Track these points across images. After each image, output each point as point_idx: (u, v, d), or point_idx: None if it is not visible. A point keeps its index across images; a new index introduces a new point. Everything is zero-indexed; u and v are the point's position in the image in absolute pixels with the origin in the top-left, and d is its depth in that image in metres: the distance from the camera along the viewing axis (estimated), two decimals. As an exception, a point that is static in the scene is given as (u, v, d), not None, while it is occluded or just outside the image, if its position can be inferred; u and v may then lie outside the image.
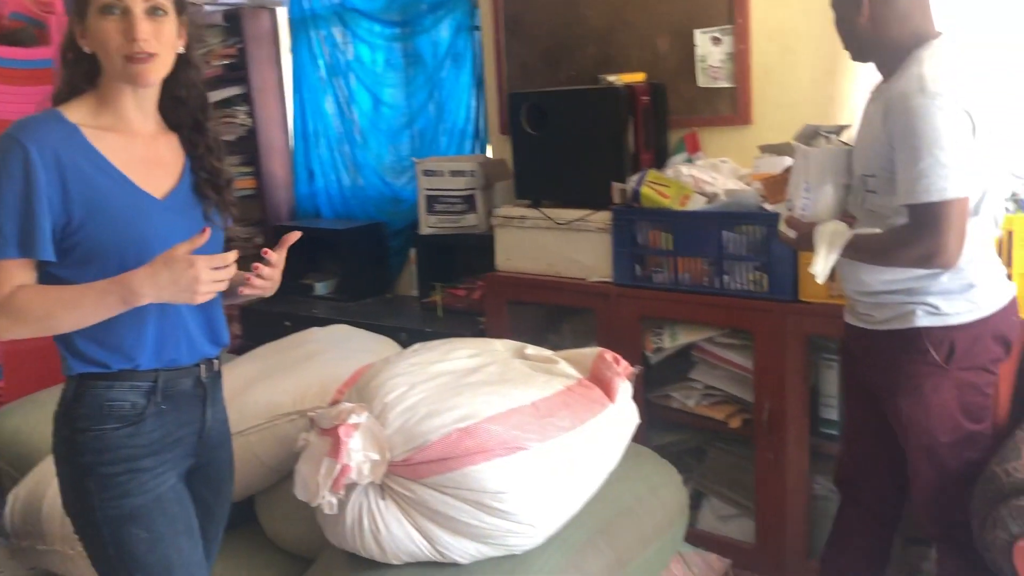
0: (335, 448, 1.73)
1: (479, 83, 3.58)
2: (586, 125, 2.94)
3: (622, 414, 2.02)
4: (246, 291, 1.63)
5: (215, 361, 1.70)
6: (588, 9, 3.18)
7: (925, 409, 1.94)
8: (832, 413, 2.55)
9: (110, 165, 1.52)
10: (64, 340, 1.53)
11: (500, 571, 1.85)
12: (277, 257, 1.61)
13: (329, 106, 4.05)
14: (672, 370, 2.87)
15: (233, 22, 4.06)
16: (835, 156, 1.98)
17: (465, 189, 3.40)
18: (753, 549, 2.67)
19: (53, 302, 1.44)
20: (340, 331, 2.84)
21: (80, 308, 1.44)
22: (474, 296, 3.48)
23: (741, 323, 2.61)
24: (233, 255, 1.49)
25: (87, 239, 1.49)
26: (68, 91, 1.57)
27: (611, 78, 2.94)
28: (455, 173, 3.39)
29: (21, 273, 1.47)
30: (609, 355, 2.04)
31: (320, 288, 3.98)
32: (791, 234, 2.05)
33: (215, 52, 4.00)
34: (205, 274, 1.42)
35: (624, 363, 2.03)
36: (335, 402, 2.12)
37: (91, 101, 1.56)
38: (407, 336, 3.23)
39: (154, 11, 1.50)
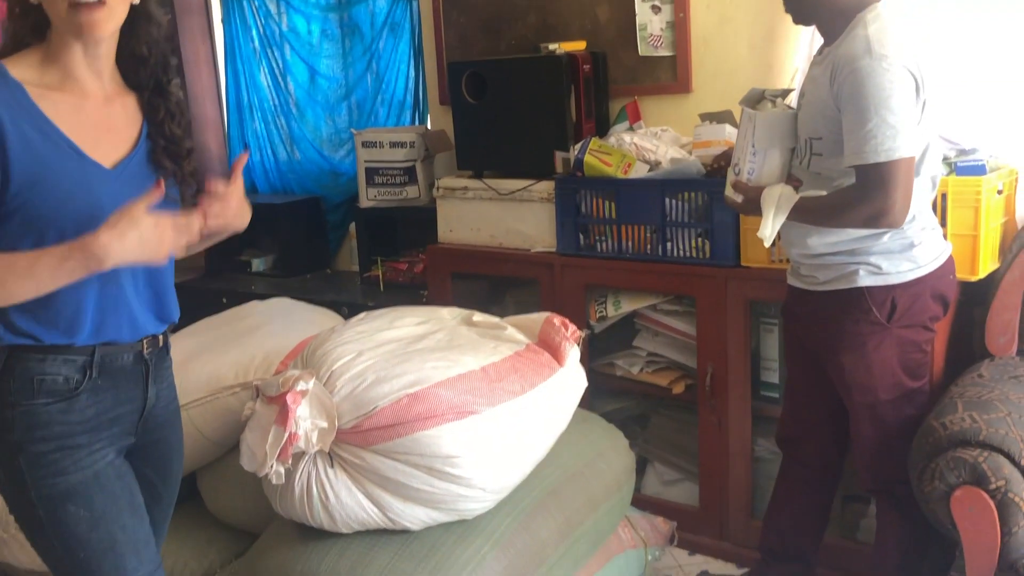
0: (282, 416, 1.70)
1: (418, 53, 3.53)
2: (527, 94, 2.93)
3: (571, 378, 2.03)
4: (211, 224, 1.49)
5: (160, 337, 1.60)
6: (527, -23, 3.16)
7: (867, 367, 1.99)
8: (773, 376, 2.60)
9: (55, 129, 1.40)
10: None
11: (451, 536, 1.84)
12: (227, 186, 1.51)
13: (264, 78, 3.95)
14: (615, 338, 2.89)
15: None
16: (781, 119, 1.99)
17: (405, 161, 3.35)
18: (697, 512, 2.71)
19: (3, 270, 1.33)
20: (281, 304, 2.79)
21: (35, 277, 1.33)
22: (416, 270, 3.45)
23: (684, 289, 2.64)
24: (197, 219, 1.42)
25: (25, 209, 1.38)
26: (12, 45, 1.45)
27: (552, 47, 2.92)
28: (395, 144, 3.34)
29: None
30: (557, 319, 2.04)
31: (258, 264, 3.90)
32: (738, 198, 2.06)
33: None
34: (171, 231, 1.35)
35: (572, 327, 2.03)
36: (278, 372, 2.08)
37: (37, 56, 1.44)
38: (348, 311, 3.18)
39: None
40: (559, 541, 1.99)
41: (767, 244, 1.95)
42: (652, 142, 2.71)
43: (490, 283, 3.24)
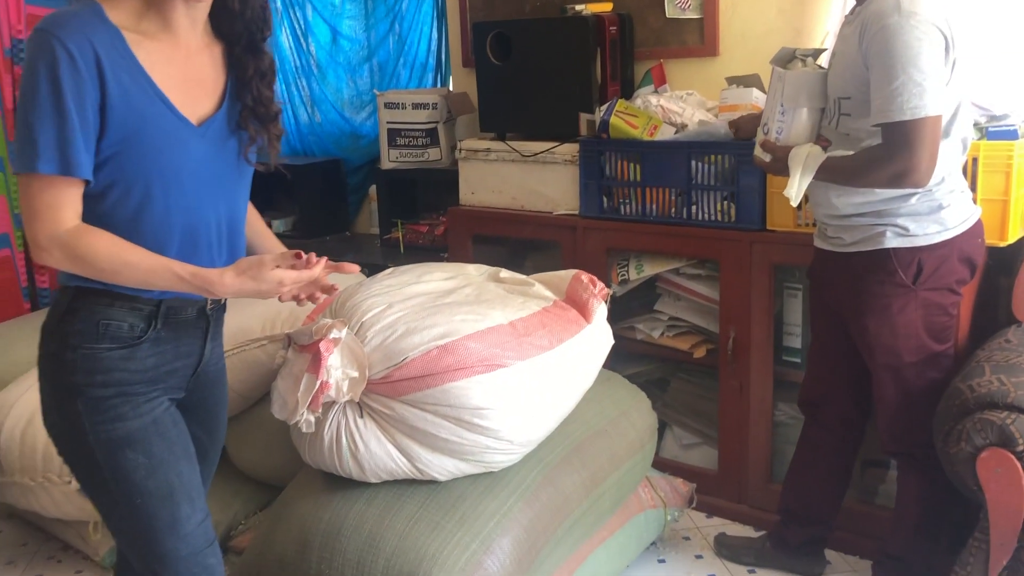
0: (314, 364, 1.72)
1: (441, 15, 3.51)
2: (553, 56, 2.91)
3: (598, 334, 2.04)
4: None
5: None
6: (554, -62, 3.13)
7: (892, 329, 1.99)
8: (795, 342, 2.60)
9: (150, 81, 1.38)
10: None
11: (478, 487, 1.86)
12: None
13: (285, 39, 3.94)
14: (637, 302, 2.89)
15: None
16: (811, 79, 1.98)
17: (427, 122, 3.35)
18: (716, 475, 2.73)
19: (122, 264, 1.34)
20: (305, 262, 2.80)
21: (149, 282, 1.36)
22: (436, 232, 3.46)
23: (708, 253, 2.64)
24: (319, 267, 1.39)
25: (115, 160, 1.36)
26: None
27: (578, 8, 2.90)
28: (417, 106, 3.33)
29: (71, 196, 1.34)
30: (585, 276, 2.05)
31: (278, 226, 3.90)
32: (765, 157, 2.05)
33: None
34: (286, 289, 1.37)
35: (600, 284, 2.04)
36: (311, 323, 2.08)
37: (137, 2, 1.39)
38: (369, 272, 3.18)
39: None
40: (583, 496, 2.01)
41: (793, 204, 1.95)
42: (678, 105, 2.70)
43: (511, 246, 3.24)
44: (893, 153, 1.82)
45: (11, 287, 3.73)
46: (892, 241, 1.95)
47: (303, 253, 1.38)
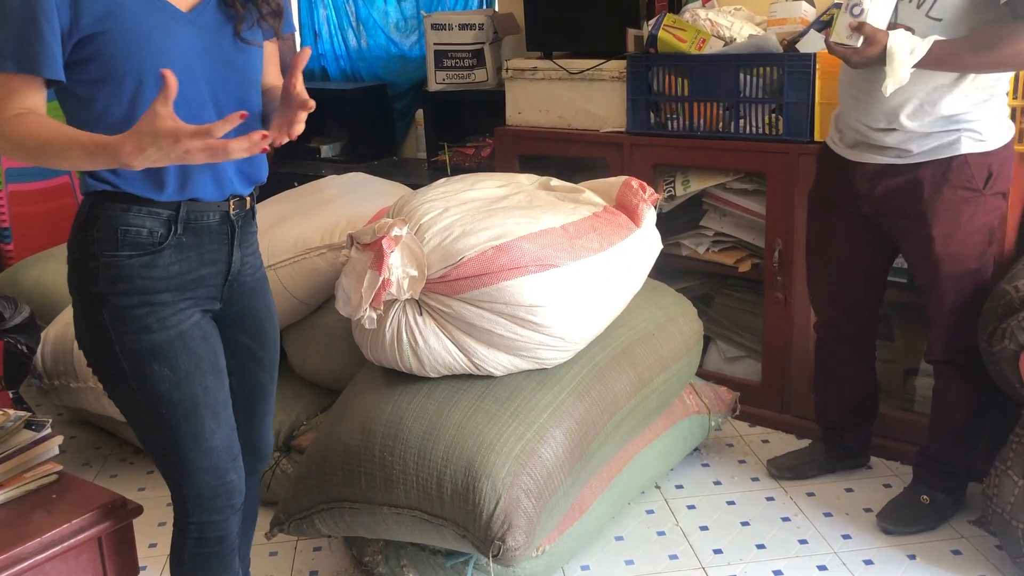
0: (377, 261, 1.79)
1: (487, -66, 3.51)
2: (600, -28, 2.91)
3: (647, 239, 2.09)
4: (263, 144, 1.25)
5: (248, 199, 1.54)
6: None
7: (961, 236, 1.99)
8: (840, 254, 2.62)
9: None
10: None
11: (531, 382, 1.94)
12: (290, 89, 1.36)
13: (333, -36, 3.96)
14: (683, 219, 2.93)
15: None
16: None
17: (474, 43, 3.37)
18: (759, 386, 2.79)
19: (44, 144, 1.26)
20: (358, 178, 2.88)
21: (69, 159, 1.27)
22: (483, 154, 3.50)
23: (755, 166, 2.66)
24: (222, 127, 1.17)
25: (99, 54, 1.31)
26: None
27: (626, -77, 2.89)
28: (464, 26, 3.35)
29: (26, 91, 1.29)
30: (635, 182, 2.09)
31: (327, 151, 3.98)
32: (855, 43, 1.85)
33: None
34: (196, 147, 1.17)
35: (650, 190, 2.09)
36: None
37: None
38: (418, 192, 3.27)
39: None
40: (631, 395, 2.09)
41: (890, 91, 1.85)
42: (727, 19, 2.70)
43: (558, 165, 3.27)
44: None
45: (71, 212, 3.81)
46: (968, 147, 1.94)
47: (235, 121, 1.18)
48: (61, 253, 3.10)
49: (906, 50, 1.82)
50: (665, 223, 2.89)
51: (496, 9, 3.56)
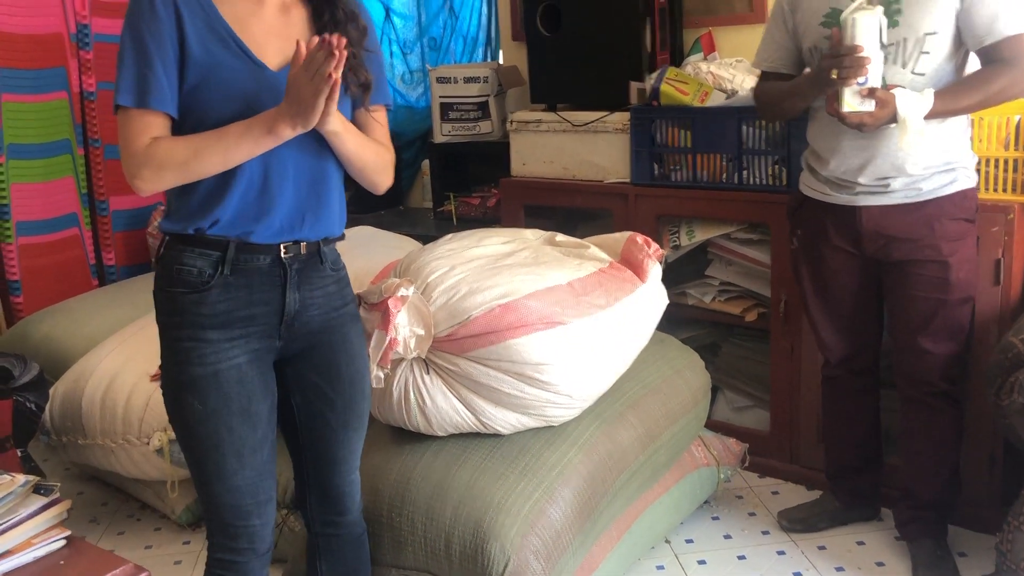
0: (384, 321, 1.80)
1: (491, -10, 3.57)
2: (602, 26, 2.95)
3: (653, 294, 2.10)
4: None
5: (305, 244, 1.59)
6: (601, -89, 3.16)
7: (968, 265, 2.12)
8: (846, 303, 2.63)
9: (228, 29, 1.50)
10: (168, 192, 1.55)
11: (539, 440, 1.94)
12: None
13: (339, 18, 4.03)
14: (688, 268, 2.94)
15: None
16: (883, 21, 1.96)
17: (479, 96, 3.42)
18: (767, 436, 2.78)
19: (192, 152, 1.45)
20: (365, 231, 2.90)
21: (221, 151, 1.45)
22: (488, 204, 3.53)
23: (759, 217, 2.67)
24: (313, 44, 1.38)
25: (198, 104, 1.48)
26: None
27: (627, -22, 2.94)
28: (469, 80, 3.40)
29: (152, 125, 1.47)
30: (640, 238, 2.11)
31: (332, 201, 4.01)
32: (867, 107, 1.94)
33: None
34: (302, 79, 1.38)
35: (654, 245, 2.10)
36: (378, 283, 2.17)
37: None
38: (425, 243, 3.28)
39: None
40: (639, 450, 2.08)
41: (911, 149, 1.98)
42: (728, 71, 2.74)
43: (562, 216, 3.30)
44: (1009, 69, 1.95)
45: (80, 265, 3.88)
46: (963, 183, 2.09)
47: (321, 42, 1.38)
48: (70, 307, 3.16)
49: (915, 106, 1.93)
50: (671, 272, 2.91)
51: (501, 62, 3.61)
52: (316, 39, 1.39)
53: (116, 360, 2.64)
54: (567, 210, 3.19)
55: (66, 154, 3.77)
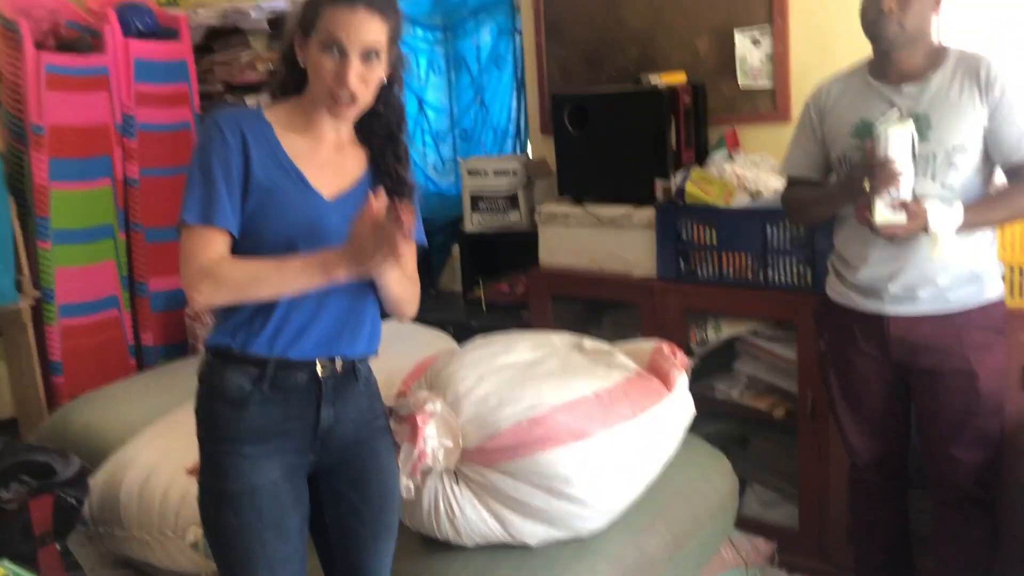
0: (413, 434, 1.85)
1: (520, 85, 3.68)
2: (628, 125, 3.02)
3: (679, 404, 2.13)
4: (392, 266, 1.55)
5: (341, 360, 1.66)
6: (627, 11, 3.27)
7: (997, 375, 2.13)
8: (873, 402, 2.64)
9: (289, 161, 1.61)
10: (215, 308, 1.63)
11: (566, 551, 1.96)
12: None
13: (374, 107, 4.17)
14: (716, 361, 2.96)
15: (278, 28, 4.17)
16: (913, 135, 2.03)
17: (508, 188, 3.50)
18: (797, 533, 2.76)
19: (250, 276, 1.54)
20: (393, 326, 2.95)
21: (278, 282, 1.54)
22: (517, 291, 3.59)
23: (785, 315, 2.70)
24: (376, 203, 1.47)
25: (257, 225, 1.58)
26: (280, 90, 1.70)
27: (652, 78, 3.02)
28: (499, 173, 3.49)
29: (214, 242, 1.56)
30: (666, 347, 2.14)
31: (365, 284, 4.09)
32: (899, 219, 1.99)
33: (260, 57, 4.11)
34: (368, 238, 1.46)
35: (681, 355, 2.14)
36: (402, 393, 2.23)
37: (291, 105, 1.67)
38: (453, 330, 3.34)
39: (369, 55, 1.57)
40: (667, 559, 2.09)
41: (940, 258, 2.02)
42: (753, 171, 2.79)
43: (589, 305, 3.35)
44: None
45: (119, 346, 3.99)
46: (990, 294, 2.12)
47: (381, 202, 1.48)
48: (110, 395, 3.24)
49: (947, 219, 1.99)
50: (699, 365, 2.94)
51: (529, 154, 3.70)
52: (382, 191, 1.51)
53: (154, 452, 2.71)
54: (594, 299, 3.23)
55: (108, 239, 3.91)
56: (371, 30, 1.56)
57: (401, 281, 1.68)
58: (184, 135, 4.04)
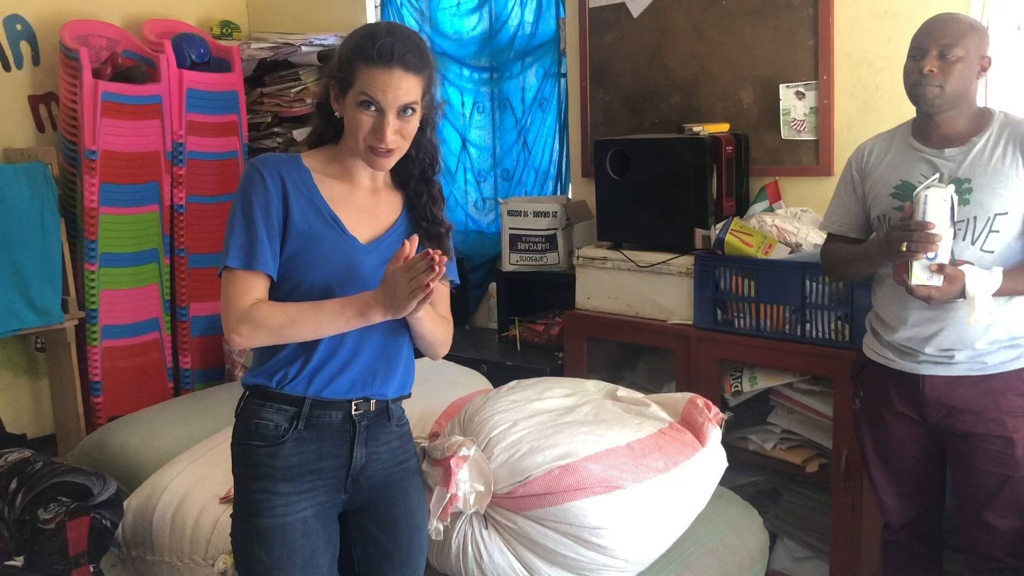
0: (445, 477, 1.86)
1: (563, 128, 3.71)
2: (670, 172, 3.04)
3: (712, 458, 2.12)
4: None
5: (375, 401, 1.71)
6: (671, 60, 3.31)
7: None
8: (910, 462, 2.60)
9: (327, 206, 1.66)
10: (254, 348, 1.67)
11: (594, 603, 1.95)
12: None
13: (419, 143, 4.23)
14: (750, 413, 2.94)
15: (327, 62, 4.25)
16: (953, 199, 2.02)
17: (547, 229, 3.52)
18: (827, 592, 2.73)
19: (288, 319, 1.58)
20: (428, 363, 2.97)
21: (314, 324, 1.58)
22: (552, 332, 3.60)
23: (821, 370, 2.68)
24: (408, 248, 1.54)
25: (295, 268, 1.63)
26: (317, 140, 1.75)
27: (695, 128, 3.04)
28: (538, 214, 3.52)
29: (255, 286, 1.61)
30: (700, 400, 2.14)
31: (401, 318, 4.13)
32: (936, 282, 1.98)
33: (309, 91, 4.20)
34: (401, 281, 1.51)
35: (715, 409, 2.13)
36: (434, 433, 2.25)
37: (329, 152, 1.73)
38: (488, 368, 3.36)
39: (405, 110, 1.62)
40: (694, 614, 2.07)
41: (979, 323, 2.01)
42: (793, 224, 2.79)
43: (623, 349, 3.35)
44: None
45: (158, 368, 4.06)
46: None
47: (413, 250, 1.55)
48: (147, 418, 3.29)
49: (984, 284, 1.97)
50: (733, 416, 2.92)
51: (570, 196, 3.73)
52: (415, 239, 1.57)
53: (188, 479, 2.74)
54: (630, 344, 3.23)
55: (153, 263, 3.99)
56: (408, 90, 1.60)
57: (434, 321, 1.72)
58: (232, 164, 4.14)
